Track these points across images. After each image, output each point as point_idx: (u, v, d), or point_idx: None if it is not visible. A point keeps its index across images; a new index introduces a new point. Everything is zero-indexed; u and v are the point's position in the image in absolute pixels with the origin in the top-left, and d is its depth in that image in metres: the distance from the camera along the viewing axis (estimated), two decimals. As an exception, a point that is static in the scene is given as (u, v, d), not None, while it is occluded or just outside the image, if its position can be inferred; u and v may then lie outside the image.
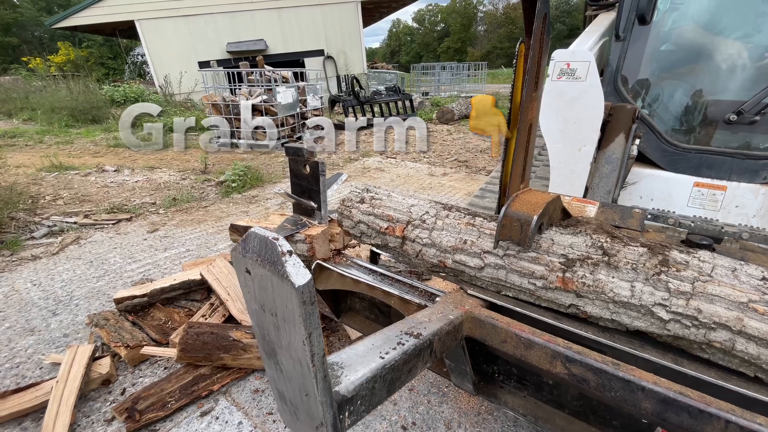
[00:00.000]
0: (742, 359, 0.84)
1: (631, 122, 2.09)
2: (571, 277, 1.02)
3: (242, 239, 0.50)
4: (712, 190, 2.24)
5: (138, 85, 14.64)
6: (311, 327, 0.48)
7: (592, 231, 1.13)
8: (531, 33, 1.57)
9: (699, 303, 0.87)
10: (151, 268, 3.27)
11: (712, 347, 0.88)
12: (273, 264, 0.46)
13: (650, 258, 0.98)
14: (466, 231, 1.28)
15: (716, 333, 0.85)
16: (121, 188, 5.48)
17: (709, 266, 0.93)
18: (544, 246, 1.11)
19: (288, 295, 0.46)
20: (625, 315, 0.97)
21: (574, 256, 1.05)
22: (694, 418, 0.89)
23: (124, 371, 2.11)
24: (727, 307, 0.84)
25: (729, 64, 2.28)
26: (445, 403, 1.93)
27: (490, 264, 1.17)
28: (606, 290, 0.97)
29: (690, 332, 0.88)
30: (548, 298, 1.08)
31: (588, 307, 1.01)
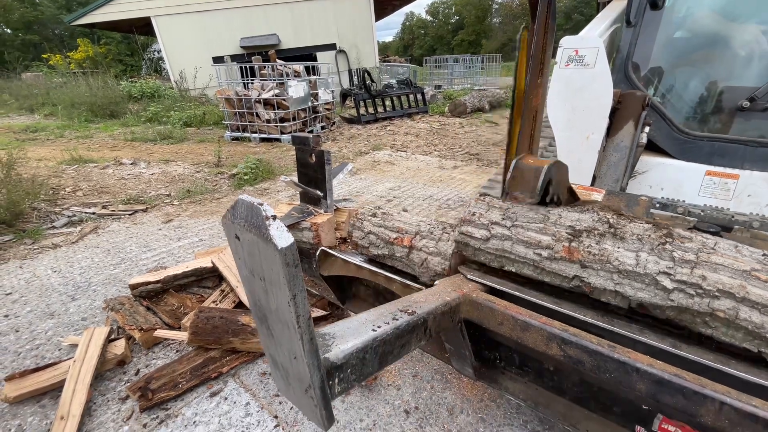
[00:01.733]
0: (746, 330, 0.83)
1: (641, 110, 2.05)
2: (577, 247, 1.03)
3: (231, 207, 0.53)
4: (724, 179, 2.18)
5: (154, 80, 14.92)
6: (296, 289, 0.51)
7: (599, 209, 1.15)
8: (535, 18, 1.56)
9: (703, 271, 0.87)
10: (165, 256, 3.36)
11: (715, 318, 0.86)
12: (258, 228, 0.49)
13: (655, 231, 0.99)
14: (475, 205, 1.29)
15: (720, 301, 0.85)
16: (137, 180, 5.62)
17: (713, 242, 0.95)
18: (552, 218, 1.12)
19: (272, 257, 0.48)
20: (629, 286, 0.96)
21: (581, 228, 1.06)
22: (689, 399, 0.89)
23: (138, 353, 2.20)
24: (730, 276, 0.84)
25: (743, 50, 2.21)
26: (448, 389, 1.95)
27: (496, 235, 1.17)
28: (611, 259, 0.98)
29: (694, 302, 0.87)
30: (552, 269, 1.07)
31: (592, 278, 1.01)
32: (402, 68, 16.46)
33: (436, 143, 7.87)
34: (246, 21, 15.29)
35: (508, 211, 1.20)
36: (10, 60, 22.29)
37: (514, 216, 1.17)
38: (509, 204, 1.24)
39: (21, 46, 32.93)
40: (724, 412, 0.84)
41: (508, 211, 1.20)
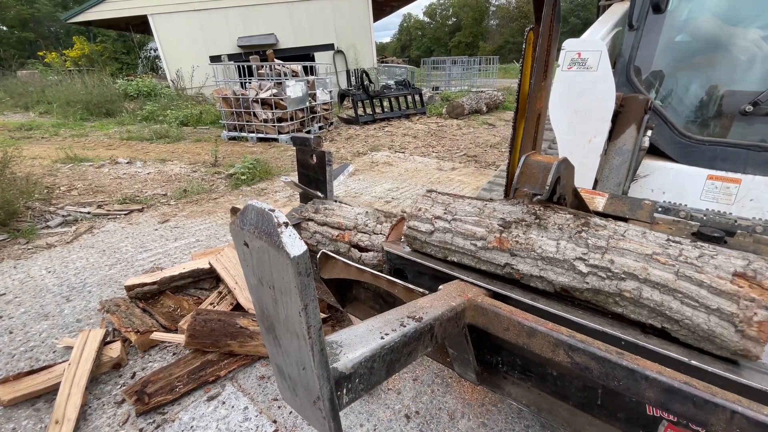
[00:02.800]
0: (650, 308, 0.91)
1: (644, 113, 2.04)
2: (507, 237, 1.13)
3: (240, 212, 0.51)
4: (726, 183, 2.18)
5: (151, 79, 14.82)
6: (307, 298, 0.49)
7: (529, 201, 1.23)
8: (540, 20, 1.55)
9: (612, 256, 0.96)
10: (162, 257, 3.32)
11: (624, 298, 0.95)
12: (269, 235, 0.47)
13: (574, 221, 1.07)
14: (422, 201, 1.38)
15: (626, 283, 0.93)
16: (133, 180, 5.57)
17: (623, 229, 1.02)
18: (486, 211, 1.22)
19: (284, 266, 0.46)
20: (551, 271, 1.05)
21: (511, 219, 1.16)
22: (699, 408, 0.88)
23: (134, 356, 2.16)
24: (635, 259, 0.93)
25: (745, 55, 2.21)
26: (449, 393, 1.93)
27: (439, 228, 1.27)
28: (535, 247, 1.07)
29: (605, 284, 0.96)
30: (487, 258, 1.17)
31: (520, 265, 1.10)
32: (400, 69, 16.47)
33: (434, 144, 7.87)
34: (244, 20, 15.23)
35: (449, 206, 1.29)
36: (6, 57, 22.10)
37: (454, 210, 1.26)
38: (450, 198, 1.32)
39: (17, 43, 32.64)
40: (735, 421, 0.83)
41: (449, 206, 1.29)
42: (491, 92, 12.97)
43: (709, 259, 0.89)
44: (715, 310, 0.84)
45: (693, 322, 0.87)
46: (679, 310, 0.88)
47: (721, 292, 0.84)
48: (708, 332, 0.86)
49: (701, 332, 0.87)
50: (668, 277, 0.89)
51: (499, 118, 10.93)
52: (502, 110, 12.37)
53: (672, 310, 0.89)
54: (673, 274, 0.89)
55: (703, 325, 0.86)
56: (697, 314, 0.86)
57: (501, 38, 56.85)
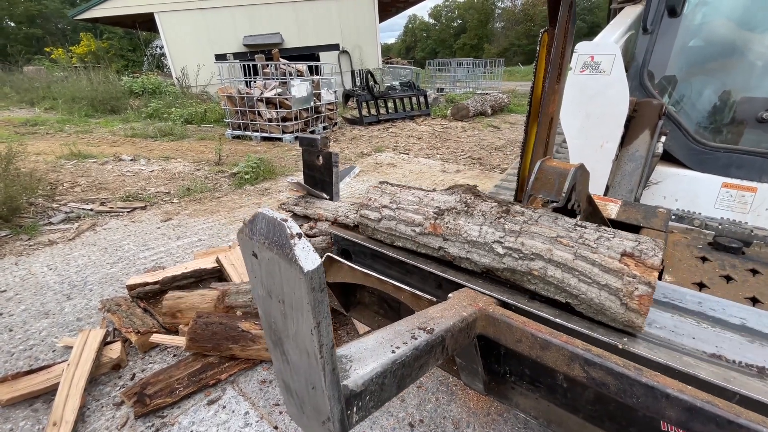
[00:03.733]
0: (555, 285, 1.01)
1: (657, 119, 2.00)
2: (440, 223, 1.22)
3: (249, 221, 0.47)
4: (742, 192, 2.13)
5: (156, 76, 14.84)
6: (320, 316, 0.45)
7: (462, 191, 1.31)
8: (555, 22, 1.51)
9: (524, 239, 1.06)
10: (164, 256, 3.30)
11: (533, 276, 1.05)
12: (281, 247, 0.43)
13: (497, 208, 1.17)
14: (372, 191, 1.47)
15: (534, 262, 1.03)
16: (136, 177, 5.55)
17: (537, 215, 1.11)
18: (425, 201, 1.31)
19: (296, 280, 0.43)
20: (475, 253, 1.15)
21: (444, 207, 1.25)
22: (722, 428, 0.84)
23: (134, 357, 2.13)
24: (542, 242, 1.03)
25: (762, 60, 2.16)
26: (453, 401, 1.89)
27: (385, 216, 1.37)
28: (462, 232, 1.17)
29: (518, 264, 1.06)
30: (424, 242, 1.27)
31: (451, 248, 1.20)
32: (404, 70, 16.44)
33: (438, 146, 7.83)
34: (249, 19, 15.24)
35: (395, 196, 1.38)
36: (13, 53, 22.16)
37: (398, 200, 1.36)
38: (397, 189, 1.40)
39: (24, 39, 32.80)
40: (761, 446, 0.79)
41: (395, 196, 1.38)
42: (496, 95, 12.92)
43: (604, 241, 0.97)
44: (605, 286, 0.93)
45: (588, 296, 0.96)
46: (576, 287, 0.97)
47: (610, 270, 0.93)
48: (600, 305, 0.95)
49: (595, 306, 0.96)
50: (568, 257, 0.98)
51: (504, 121, 10.88)
52: (507, 113, 12.31)
53: (571, 286, 0.98)
54: (572, 254, 0.98)
55: (595, 299, 0.95)
56: (590, 290, 0.95)
57: (506, 41, 56.75)
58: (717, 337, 1.01)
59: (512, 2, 59.84)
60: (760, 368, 0.91)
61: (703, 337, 1.00)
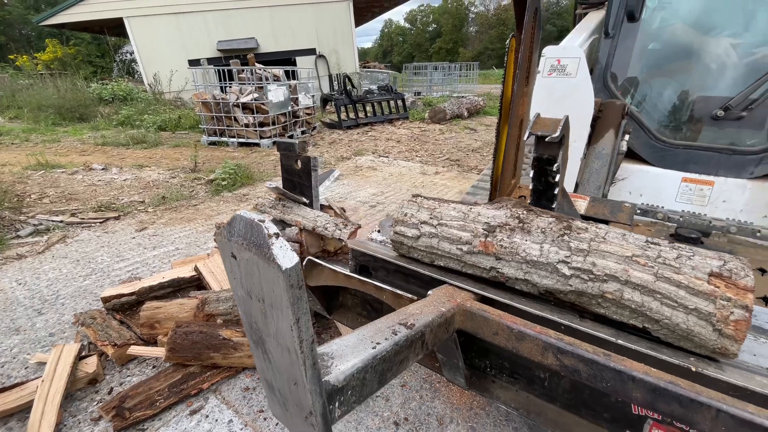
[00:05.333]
0: (631, 309, 0.93)
1: (621, 118, 2.10)
2: (492, 241, 1.14)
3: (227, 222, 0.49)
4: (700, 186, 2.26)
5: (127, 83, 14.43)
6: (299, 312, 0.47)
7: (512, 206, 1.24)
8: (522, 28, 1.58)
9: (594, 258, 0.98)
10: (140, 266, 3.22)
11: (605, 299, 0.97)
12: (259, 247, 0.45)
13: (557, 224, 1.10)
14: (407, 206, 1.39)
15: (608, 284, 0.95)
16: (108, 186, 5.39)
17: (604, 232, 1.05)
18: (471, 216, 1.23)
19: (275, 278, 0.45)
20: (535, 274, 1.06)
21: (495, 224, 1.17)
22: (685, 407, 0.89)
23: (111, 370, 2.07)
24: (616, 261, 0.95)
25: (716, 62, 2.31)
26: (437, 398, 1.92)
27: (425, 233, 1.27)
28: (520, 251, 1.08)
29: (588, 285, 0.98)
30: (472, 262, 1.19)
31: (505, 269, 1.12)
32: (382, 74, 16.55)
33: (417, 149, 7.91)
34: (223, 24, 15.03)
35: (434, 211, 1.29)
36: (-28, 60, 21.15)
37: (439, 215, 1.27)
38: (436, 204, 1.33)
39: (-16, 46, 31.29)
40: (719, 419, 0.85)
41: (434, 211, 1.29)
42: (472, 97, 13.16)
43: (686, 260, 0.91)
44: (693, 310, 0.86)
45: (672, 321, 0.89)
46: (659, 311, 0.90)
47: (699, 293, 0.86)
48: (687, 331, 0.88)
49: (680, 331, 0.89)
50: (648, 279, 0.91)
51: (480, 123, 11.09)
52: (483, 115, 12.55)
53: (652, 310, 0.91)
54: (653, 276, 0.91)
55: (682, 324, 0.88)
56: (676, 314, 0.88)
57: (480, 45, 57.90)
58: None
59: (485, 7, 61.17)
60: None
61: (762, 353, 0.96)
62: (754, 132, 2.20)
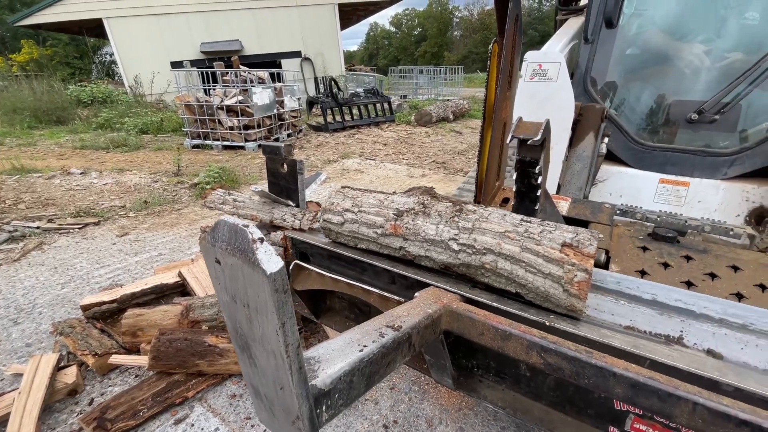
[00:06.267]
0: (505, 277, 1.07)
1: (600, 121, 2.16)
2: (400, 224, 1.27)
3: (211, 228, 0.49)
4: (676, 186, 2.34)
5: (106, 85, 14.10)
6: (284, 316, 0.47)
7: (420, 193, 1.38)
8: (504, 33, 1.61)
9: (476, 235, 1.12)
10: (121, 273, 3.14)
11: (486, 269, 1.11)
12: (243, 252, 0.45)
13: (452, 208, 1.24)
14: (335, 196, 1.49)
15: (486, 257, 1.09)
16: (88, 191, 5.25)
17: (488, 213, 1.19)
18: (386, 203, 1.36)
19: (260, 283, 0.45)
20: (433, 251, 1.20)
21: (403, 209, 1.30)
22: (664, 401, 0.92)
23: (91, 380, 2.02)
24: (492, 237, 1.10)
25: (690, 67, 2.39)
26: (426, 400, 1.93)
27: (348, 219, 1.40)
28: (420, 231, 1.22)
29: (472, 259, 1.12)
30: (386, 243, 1.31)
31: (411, 248, 1.25)
32: (368, 77, 16.58)
33: (404, 152, 7.95)
34: (207, 26, 14.85)
35: (356, 199, 1.41)
36: (-59, 61, 20.36)
37: (360, 203, 1.39)
38: (359, 193, 1.44)
39: (-47, 46, 30.10)
40: (697, 412, 0.88)
41: (356, 199, 1.41)
42: (457, 101, 13.30)
43: (547, 234, 1.04)
44: (548, 275, 0.99)
45: (534, 285, 1.02)
46: (524, 277, 1.04)
47: (552, 260, 1.00)
48: (545, 293, 1.02)
49: (541, 294, 1.03)
50: (515, 250, 1.05)
51: (465, 126, 11.21)
52: (468, 118, 12.70)
53: (519, 276, 1.04)
54: (519, 247, 1.05)
55: (541, 287, 1.01)
56: (536, 279, 1.02)
57: (465, 49, 58.60)
58: (632, 311, 1.10)
59: (469, 12, 61.97)
60: (666, 336, 1.01)
61: (620, 312, 1.10)
62: (726, 134, 2.29)
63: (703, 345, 0.99)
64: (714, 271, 1.61)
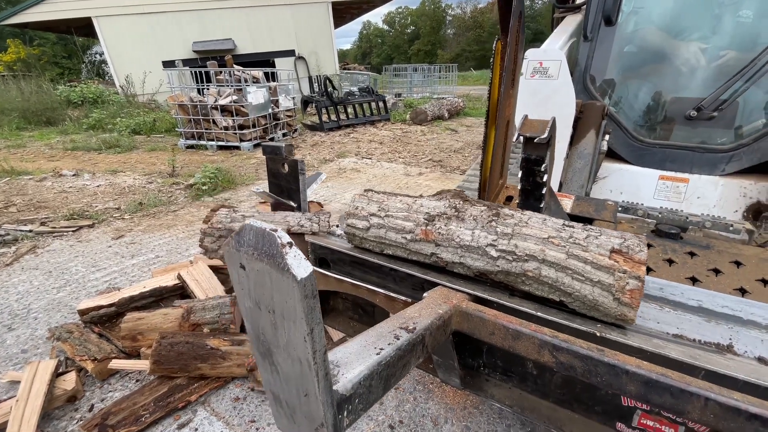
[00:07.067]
0: (549, 285, 1.03)
1: (601, 119, 2.17)
2: (431, 229, 1.22)
3: (236, 233, 0.47)
4: (676, 183, 2.36)
5: (97, 85, 13.90)
6: (313, 322, 0.46)
7: (450, 197, 1.33)
8: (507, 31, 1.60)
9: (517, 241, 1.07)
10: (118, 276, 3.10)
11: (527, 277, 1.07)
12: (272, 257, 0.44)
13: (487, 212, 1.19)
14: (358, 200, 1.45)
15: (528, 263, 1.05)
16: (81, 193, 5.17)
17: (527, 217, 1.14)
18: (414, 207, 1.32)
19: (289, 289, 0.44)
20: (468, 257, 1.15)
21: (435, 213, 1.26)
22: (676, 397, 0.93)
23: (91, 386, 1.99)
24: (534, 243, 1.05)
25: (688, 64, 2.41)
26: (431, 399, 1.93)
27: (374, 224, 1.35)
28: (455, 237, 1.17)
29: (512, 266, 1.08)
30: (416, 249, 1.27)
31: (444, 254, 1.21)
32: (362, 76, 16.53)
33: (400, 150, 7.94)
34: (199, 24, 14.70)
35: (382, 203, 1.36)
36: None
37: (387, 207, 1.34)
38: (384, 197, 1.40)
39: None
40: (708, 407, 0.88)
41: (382, 203, 1.36)
42: (452, 99, 13.31)
43: (593, 239, 1.01)
44: (597, 283, 0.96)
45: (581, 293, 0.99)
46: (570, 285, 1.00)
47: (601, 267, 0.96)
48: (593, 302, 0.98)
49: (588, 302, 0.99)
50: (561, 257, 1.01)
51: (460, 124, 11.23)
52: (463, 116, 12.72)
53: (565, 284, 1.00)
54: (565, 254, 1.00)
55: (589, 296, 0.98)
56: (584, 287, 0.98)
57: (458, 47, 58.66)
58: (678, 319, 1.07)
59: (462, 10, 62.04)
60: (717, 345, 0.98)
61: (666, 320, 1.06)
62: (724, 131, 2.31)
63: (754, 352, 0.96)
64: (717, 266, 1.62)
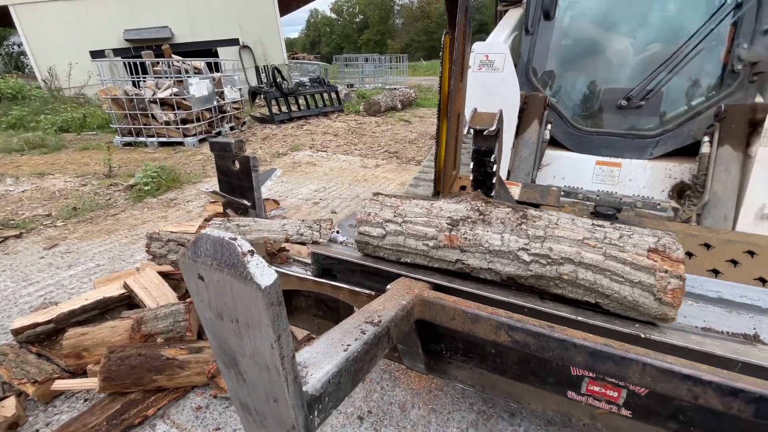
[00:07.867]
0: (585, 287, 1.02)
1: (543, 109, 2.30)
2: (456, 235, 1.17)
3: (192, 243, 0.46)
4: (610, 167, 2.57)
5: (15, 79, 12.44)
6: (280, 329, 0.46)
7: (471, 199, 1.31)
8: (454, 25, 1.64)
9: (550, 244, 1.05)
10: (54, 289, 2.84)
11: (562, 280, 1.05)
12: (233, 266, 0.43)
13: (514, 214, 1.17)
14: (370, 206, 1.37)
15: (564, 267, 1.03)
16: (4, 200, 4.65)
17: (556, 218, 1.13)
18: (434, 211, 1.26)
19: (252, 298, 0.43)
20: (498, 263, 1.12)
21: (458, 217, 1.21)
22: (618, 364, 1.03)
23: (34, 410, 1.83)
24: (569, 245, 1.03)
25: (618, 56, 2.61)
26: (397, 387, 1.98)
27: (391, 231, 1.27)
28: (483, 242, 1.13)
29: (546, 269, 1.05)
30: (439, 256, 1.20)
31: (470, 260, 1.16)
32: (312, 66, 16.15)
33: (355, 142, 7.90)
34: (131, 11, 13.54)
35: (398, 209, 1.30)
36: None
37: (403, 212, 1.27)
38: (398, 201, 1.34)
39: None
40: (646, 371, 0.99)
41: (398, 209, 1.30)
42: (404, 90, 13.41)
43: (627, 239, 1.01)
44: (638, 283, 0.96)
45: (621, 295, 0.98)
46: (609, 286, 0.99)
47: (641, 267, 0.96)
48: (633, 302, 0.98)
49: (628, 303, 0.99)
50: (598, 259, 1.00)
51: (413, 115, 11.35)
52: (416, 107, 12.86)
53: (603, 286, 0.99)
54: (602, 255, 0.99)
55: (629, 297, 0.98)
56: (623, 288, 0.97)
57: (407, 37, 58.86)
58: (701, 311, 1.09)
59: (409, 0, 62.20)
60: (744, 335, 1.00)
61: (691, 313, 1.08)
62: (651, 118, 2.54)
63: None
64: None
